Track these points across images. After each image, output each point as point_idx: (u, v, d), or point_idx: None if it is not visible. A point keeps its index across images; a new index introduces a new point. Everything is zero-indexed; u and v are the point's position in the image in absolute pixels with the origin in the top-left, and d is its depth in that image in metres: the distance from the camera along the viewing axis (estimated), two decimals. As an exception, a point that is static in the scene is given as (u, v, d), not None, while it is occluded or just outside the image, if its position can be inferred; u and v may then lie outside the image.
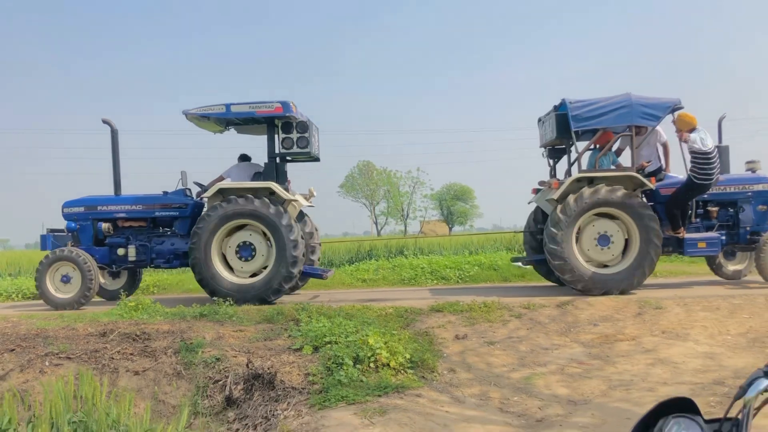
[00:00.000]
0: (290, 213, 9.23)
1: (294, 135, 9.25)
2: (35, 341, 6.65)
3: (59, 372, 5.95)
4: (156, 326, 7.11)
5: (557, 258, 8.74)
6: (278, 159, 9.64)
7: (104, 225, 9.90)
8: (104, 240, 9.97)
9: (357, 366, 5.81)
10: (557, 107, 9.39)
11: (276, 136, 9.40)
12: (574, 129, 8.94)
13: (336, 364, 5.82)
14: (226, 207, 8.97)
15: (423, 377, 5.91)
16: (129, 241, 9.85)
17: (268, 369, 5.75)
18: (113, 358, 6.24)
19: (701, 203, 9.41)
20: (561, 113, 9.20)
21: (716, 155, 8.74)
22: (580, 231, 8.91)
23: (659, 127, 9.34)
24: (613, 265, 8.90)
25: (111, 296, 10.47)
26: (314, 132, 9.67)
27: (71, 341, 6.67)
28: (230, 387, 5.69)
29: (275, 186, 9.13)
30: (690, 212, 9.24)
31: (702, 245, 9.04)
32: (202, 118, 9.24)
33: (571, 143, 9.46)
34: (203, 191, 9.73)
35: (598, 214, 8.89)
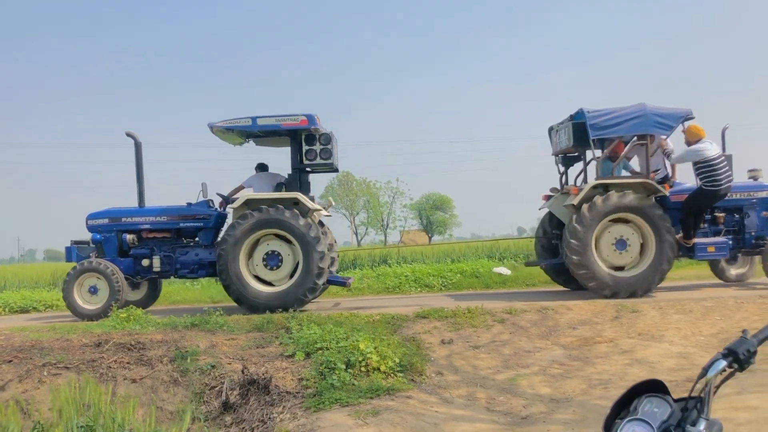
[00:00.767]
0: (313, 219, 9.39)
1: (317, 147, 9.47)
2: (31, 352, 6.78)
3: (58, 381, 6.09)
4: (149, 336, 7.26)
5: (576, 254, 9.01)
6: (301, 170, 9.79)
7: (129, 236, 10.03)
8: (128, 251, 10.10)
9: (349, 370, 6.04)
10: (573, 116, 9.76)
11: (300, 148, 9.55)
12: (592, 137, 9.28)
13: (328, 369, 6.04)
14: (258, 216, 9.08)
15: (412, 380, 6.16)
16: (153, 252, 9.99)
17: (263, 375, 5.96)
18: (110, 367, 6.40)
19: (709, 209, 9.77)
20: (578, 122, 9.56)
21: (723, 163, 9.09)
22: (599, 236, 9.22)
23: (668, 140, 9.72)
24: (630, 268, 9.22)
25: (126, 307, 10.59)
26: (335, 144, 9.87)
27: (67, 352, 6.80)
28: (226, 392, 5.89)
29: (301, 196, 9.30)
30: (702, 220, 9.61)
31: (711, 249, 9.46)
32: (227, 131, 9.45)
33: (589, 150, 9.83)
34: (225, 201, 9.94)
35: (614, 220, 9.23)
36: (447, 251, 17.32)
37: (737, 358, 1.74)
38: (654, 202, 9.19)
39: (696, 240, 9.43)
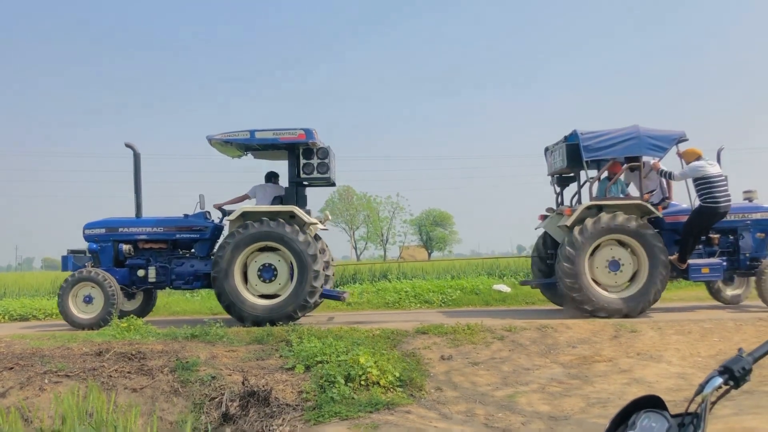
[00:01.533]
0: (309, 233, 9.42)
1: (315, 161, 9.55)
2: (32, 360, 6.81)
3: (59, 389, 6.12)
4: (150, 346, 7.30)
5: (570, 277, 9.08)
6: (298, 184, 9.88)
7: (125, 246, 10.09)
8: (124, 261, 10.14)
9: (349, 384, 6.08)
10: (567, 137, 9.84)
11: (297, 162, 9.62)
12: (585, 159, 9.37)
13: (328, 382, 6.08)
14: (248, 230, 9.13)
15: (411, 395, 6.18)
16: (149, 263, 10.02)
17: (263, 387, 5.98)
18: (111, 376, 6.43)
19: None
20: (571, 143, 9.65)
21: (722, 181, 9.17)
22: (593, 255, 9.27)
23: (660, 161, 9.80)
24: (622, 290, 9.26)
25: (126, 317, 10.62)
26: (332, 158, 9.97)
27: (67, 360, 6.83)
28: (226, 404, 5.91)
29: (297, 209, 9.35)
30: (699, 241, 9.64)
31: (705, 270, 9.46)
32: (225, 144, 9.52)
33: (582, 172, 9.94)
34: (223, 212, 10.02)
35: (607, 241, 9.26)
36: (447, 267, 17.37)
37: (733, 376, 1.79)
38: (646, 223, 9.23)
39: (690, 261, 9.45)
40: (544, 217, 10.56)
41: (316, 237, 10.30)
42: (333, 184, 10.45)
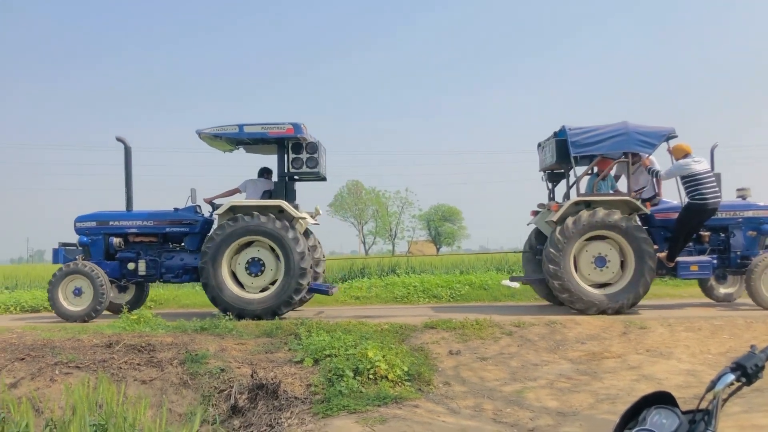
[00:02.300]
0: (297, 228, 9.47)
1: (304, 155, 9.57)
2: (43, 351, 6.87)
3: (69, 380, 6.16)
4: (159, 338, 7.34)
5: (556, 278, 9.08)
6: (287, 178, 9.92)
7: (116, 240, 10.14)
8: (115, 254, 10.19)
9: (357, 378, 6.09)
10: (557, 133, 9.82)
11: (286, 156, 9.66)
12: (573, 154, 9.34)
13: (337, 376, 6.09)
14: (234, 225, 9.19)
15: (420, 389, 6.19)
16: (139, 256, 10.08)
17: (272, 379, 6.01)
18: (121, 368, 6.48)
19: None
20: (560, 139, 9.64)
21: (710, 178, 9.10)
22: (578, 252, 9.25)
23: (653, 157, 9.75)
24: (613, 284, 9.24)
25: (119, 309, 10.68)
26: (322, 153, 10.00)
27: (78, 351, 6.88)
28: (235, 396, 5.94)
29: (284, 204, 9.39)
30: (689, 241, 9.56)
31: (694, 268, 9.38)
32: (215, 138, 9.52)
33: (570, 168, 9.88)
34: (213, 206, 10.01)
35: (594, 237, 9.23)
36: (456, 262, 17.35)
37: (745, 372, 1.78)
38: (628, 217, 9.18)
39: (679, 259, 9.38)
40: (536, 213, 10.55)
41: (307, 232, 10.34)
42: (323, 179, 10.46)
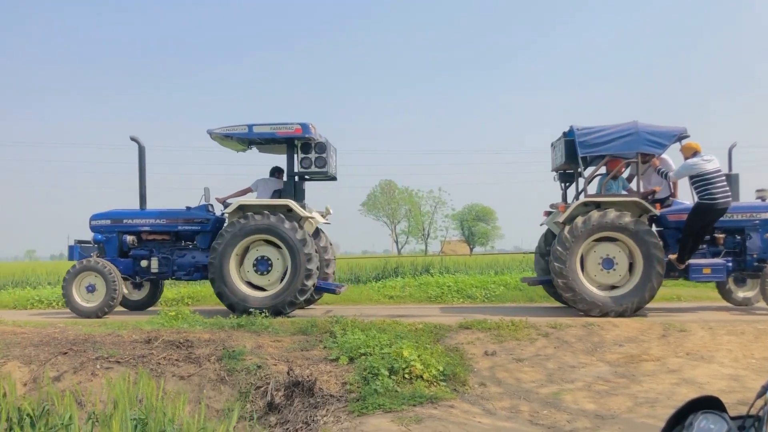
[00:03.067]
0: (306, 229, 9.54)
1: (312, 155, 9.63)
2: (84, 345, 7.02)
3: (110, 375, 6.29)
4: (197, 335, 7.45)
5: (561, 276, 8.98)
6: (297, 178, 10.01)
7: (129, 237, 10.35)
8: (128, 252, 10.40)
9: (392, 377, 6.09)
10: (566, 133, 9.69)
11: (295, 156, 9.74)
12: (581, 155, 9.21)
13: (372, 375, 6.10)
14: (243, 223, 9.31)
15: (455, 390, 6.16)
16: (152, 254, 10.27)
17: (308, 377, 6.05)
18: (159, 363, 6.59)
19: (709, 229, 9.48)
20: (569, 139, 9.49)
21: (720, 177, 8.89)
22: (586, 252, 9.12)
23: (666, 156, 9.55)
24: (620, 287, 9.09)
25: (134, 306, 10.97)
26: (332, 152, 10.06)
27: (118, 347, 7.02)
28: (271, 393, 5.99)
29: (292, 203, 9.47)
30: (701, 242, 9.32)
31: (707, 271, 9.15)
32: (226, 138, 9.64)
33: (579, 168, 9.77)
34: (224, 202, 10.15)
35: (603, 239, 9.08)
36: (490, 263, 17.28)
37: (799, 378, 1.73)
38: (638, 219, 8.97)
39: (691, 261, 9.14)
40: (548, 213, 10.42)
41: (317, 232, 10.39)
42: (333, 179, 10.51)
